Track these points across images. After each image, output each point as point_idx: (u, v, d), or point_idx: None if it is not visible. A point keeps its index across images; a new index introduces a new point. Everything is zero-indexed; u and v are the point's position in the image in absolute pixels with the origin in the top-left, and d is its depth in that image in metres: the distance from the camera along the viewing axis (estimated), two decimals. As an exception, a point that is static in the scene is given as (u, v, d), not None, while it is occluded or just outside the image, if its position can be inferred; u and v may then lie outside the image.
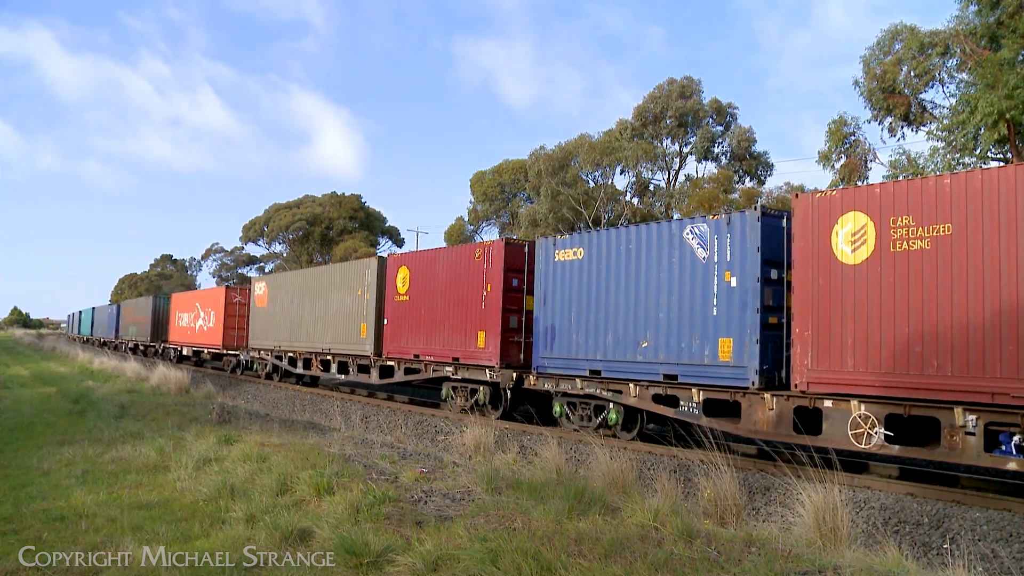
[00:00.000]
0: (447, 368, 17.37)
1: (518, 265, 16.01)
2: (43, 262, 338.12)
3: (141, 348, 45.72)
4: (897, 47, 24.58)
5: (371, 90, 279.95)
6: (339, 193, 67.04)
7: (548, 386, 14.73)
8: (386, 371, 20.07)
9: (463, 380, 17.14)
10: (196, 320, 35.21)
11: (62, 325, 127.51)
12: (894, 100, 24.86)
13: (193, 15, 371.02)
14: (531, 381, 15.13)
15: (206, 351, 34.39)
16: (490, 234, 55.55)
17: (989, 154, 22.82)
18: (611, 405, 13.57)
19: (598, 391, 13.60)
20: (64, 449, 10.27)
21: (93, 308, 67.31)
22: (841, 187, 15.99)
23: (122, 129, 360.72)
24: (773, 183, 57.48)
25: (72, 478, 8.51)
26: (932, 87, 24.79)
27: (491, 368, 15.92)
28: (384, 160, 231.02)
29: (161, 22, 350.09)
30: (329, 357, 22.47)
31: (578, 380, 13.98)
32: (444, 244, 56.95)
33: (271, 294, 27.14)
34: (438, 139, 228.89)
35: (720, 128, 40.36)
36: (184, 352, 37.40)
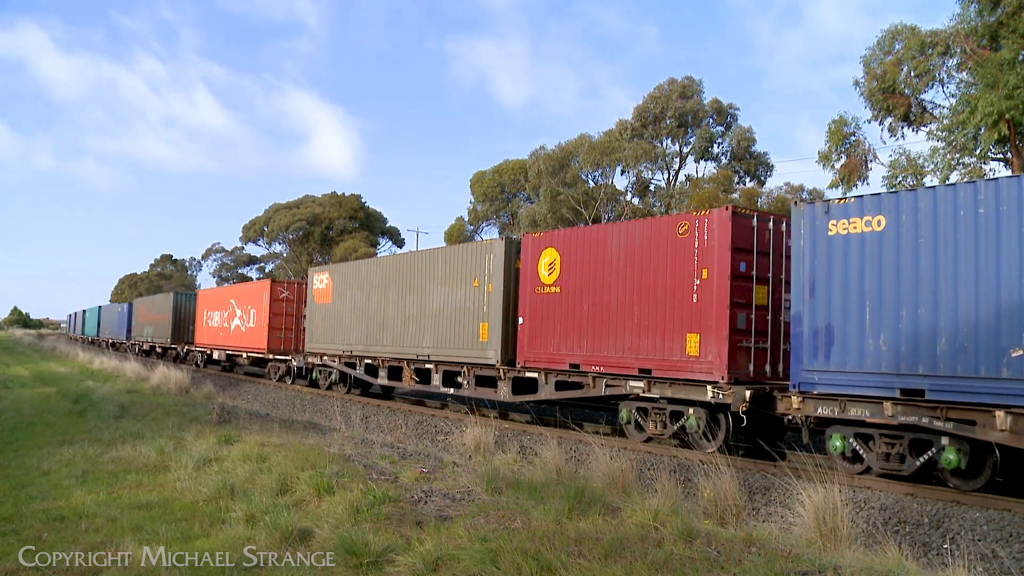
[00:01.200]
0: (632, 383, 12.95)
1: (745, 243, 12.07)
2: (43, 262, 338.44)
3: (159, 350, 41.12)
4: (897, 47, 24.58)
5: (366, 90, 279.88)
6: (339, 193, 67.11)
7: (825, 411, 10.38)
8: (523, 385, 15.56)
9: (661, 400, 12.78)
10: (230, 319, 30.23)
11: (62, 325, 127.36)
12: (894, 100, 24.86)
13: (186, 15, 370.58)
14: (792, 404, 10.72)
15: (245, 355, 29.08)
16: (490, 234, 55.59)
17: (989, 154, 22.83)
18: (946, 441, 9.41)
19: (925, 420, 9.46)
20: (64, 449, 10.27)
21: (100, 306, 63.52)
22: None
23: (118, 129, 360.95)
24: (773, 183, 57.57)
25: (72, 478, 8.52)
26: (932, 87, 24.80)
27: (714, 384, 11.69)
28: (381, 160, 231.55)
29: (154, 22, 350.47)
30: (430, 366, 17.87)
31: (887, 403, 9.74)
32: (444, 244, 57.02)
33: (337, 287, 22.34)
34: (434, 139, 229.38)
35: (720, 128, 40.39)
36: (214, 356, 32.29)
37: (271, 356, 26.76)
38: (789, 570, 4.96)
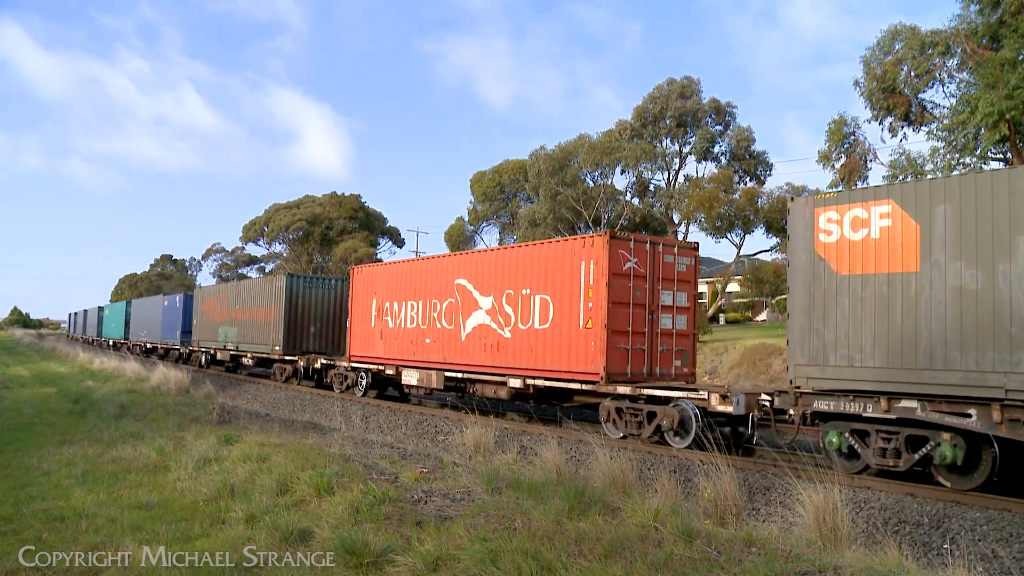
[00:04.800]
0: None
1: None
2: (42, 262, 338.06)
3: (249, 361, 27.71)
4: (897, 47, 24.59)
5: (352, 89, 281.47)
6: (339, 193, 67.18)
7: None
8: None
9: None
10: (459, 313, 16.90)
11: (62, 325, 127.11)
12: (894, 100, 24.85)
13: (168, 14, 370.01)
14: None
15: (517, 383, 15.05)
16: (490, 234, 55.68)
17: (989, 154, 22.84)
18: None
19: None
20: (64, 449, 10.28)
21: (129, 302, 51.04)
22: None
23: (107, 128, 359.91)
24: (773, 183, 57.67)
25: (72, 478, 8.52)
26: (932, 87, 24.80)
27: None
28: (372, 160, 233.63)
29: (135, 20, 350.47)
30: None
31: None
32: (444, 245, 57.21)
33: (960, 226, 9.15)
34: (423, 139, 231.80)
35: (719, 128, 40.39)
36: (408, 379, 18.52)
37: (613, 390, 13.25)
38: (789, 570, 4.96)
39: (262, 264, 75.74)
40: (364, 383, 20.77)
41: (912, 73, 24.22)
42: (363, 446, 10.57)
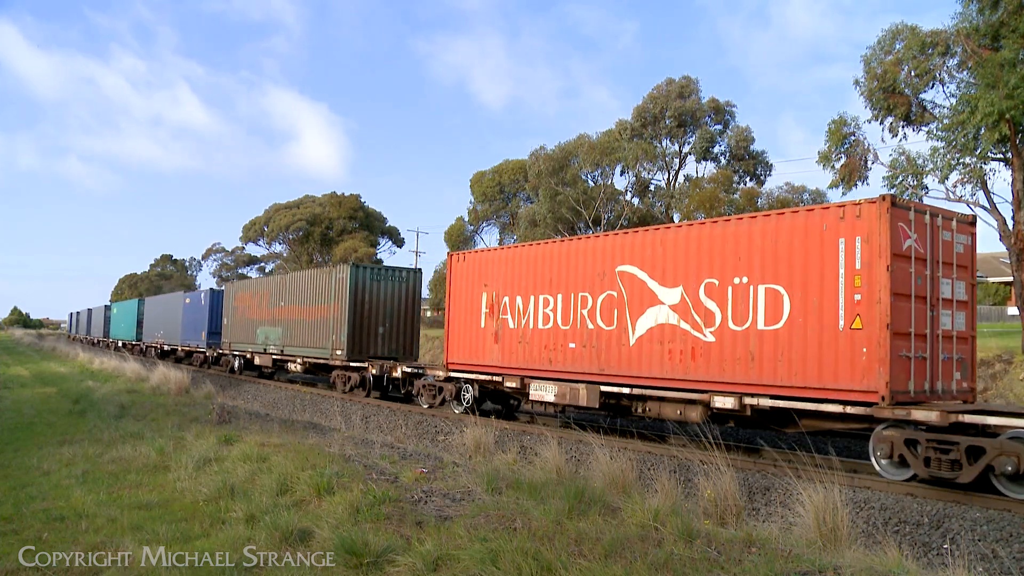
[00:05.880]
0: None
1: None
2: (42, 262, 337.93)
3: (297, 367, 24.06)
4: (898, 46, 24.61)
5: (347, 88, 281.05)
6: (338, 193, 67.25)
7: None
8: None
9: None
10: (626, 310, 13.02)
11: (62, 325, 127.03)
12: (895, 100, 24.85)
13: (162, 14, 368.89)
14: None
15: (740, 401, 11.13)
16: (490, 234, 55.71)
17: (989, 154, 22.84)
18: None
19: None
20: (64, 449, 10.29)
21: (141, 299, 46.37)
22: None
23: (104, 128, 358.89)
24: (773, 183, 57.69)
25: (72, 478, 8.53)
26: (932, 87, 24.81)
27: None
28: (369, 160, 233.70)
29: (130, 19, 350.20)
30: None
31: None
32: (444, 245, 57.20)
33: None
34: (419, 138, 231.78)
35: (719, 128, 40.40)
36: (536, 392, 14.38)
37: (905, 415, 9.45)
38: (789, 570, 4.96)
39: (262, 264, 75.84)
40: (469, 396, 16.44)
41: (912, 73, 24.23)
42: (363, 446, 10.58)
